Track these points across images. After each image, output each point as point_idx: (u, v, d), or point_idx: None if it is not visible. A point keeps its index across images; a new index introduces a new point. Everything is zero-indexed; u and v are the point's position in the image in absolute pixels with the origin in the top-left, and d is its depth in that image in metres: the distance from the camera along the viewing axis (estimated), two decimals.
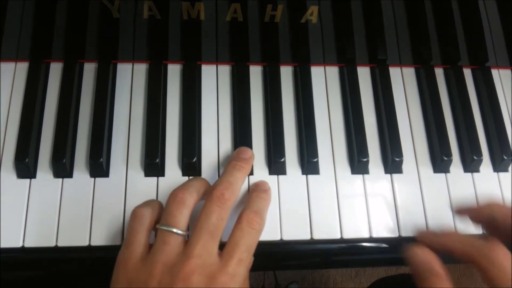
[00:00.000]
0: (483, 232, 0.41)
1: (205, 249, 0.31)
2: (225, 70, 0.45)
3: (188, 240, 0.32)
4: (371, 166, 0.42)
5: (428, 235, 0.38)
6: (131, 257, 0.32)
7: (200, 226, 0.32)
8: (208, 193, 0.34)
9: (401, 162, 0.42)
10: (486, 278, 0.32)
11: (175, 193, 0.34)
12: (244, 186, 0.40)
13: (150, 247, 0.33)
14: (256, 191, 0.38)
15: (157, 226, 0.33)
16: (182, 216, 0.33)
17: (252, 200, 0.37)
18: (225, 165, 0.39)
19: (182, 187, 0.34)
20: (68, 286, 0.48)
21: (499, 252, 0.31)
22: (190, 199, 0.34)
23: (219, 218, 0.33)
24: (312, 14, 0.41)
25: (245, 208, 0.35)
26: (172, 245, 0.32)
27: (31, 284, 0.45)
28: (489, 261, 0.31)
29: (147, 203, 0.35)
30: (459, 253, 0.34)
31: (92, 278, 0.45)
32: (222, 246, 0.33)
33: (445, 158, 0.42)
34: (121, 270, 0.32)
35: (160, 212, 0.35)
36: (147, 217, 0.33)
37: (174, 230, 0.32)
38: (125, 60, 0.44)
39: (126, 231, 0.33)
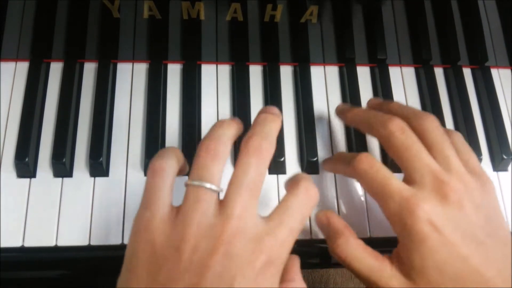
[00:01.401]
0: None
1: (246, 209, 0.27)
2: (225, 70, 0.45)
3: (223, 199, 0.27)
4: None
5: (339, 109, 0.41)
6: (154, 219, 0.26)
7: (238, 183, 0.27)
8: (243, 144, 0.29)
9: None
10: (387, 150, 0.34)
11: (207, 144, 0.28)
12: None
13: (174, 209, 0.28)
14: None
15: (188, 181, 0.27)
16: (217, 170, 0.28)
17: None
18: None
19: (213, 137, 0.29)
20: (67, 286, 0.48)
21: (395, 123, 0.33)
22: (225, 151, 0.28)
23: (258, 173, 0.28)
24: (312, 14, 0.41)
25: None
26: (207, 203, 0.26)
27: (31, 284, 0.45)
28: (387, 131, 0.33)
29: (166, 154, 0.29)
30: (361, 123, 0.36)
31: (91, 278, 0.45)
32: None
33: None
34: (142, 235, 0.26)
35: (183, 164, 0.31)
36: (170, 171, 0.28)
37: (209, 185, 0.27)
38: (125, 60, 0.44)
39: (144, 189, 0.28)
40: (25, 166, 0.38)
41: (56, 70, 0.44)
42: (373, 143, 0.44)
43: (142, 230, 0.26)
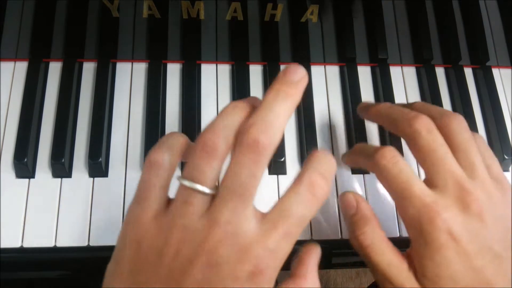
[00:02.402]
0: None
1: (235, 214, 0.24)
2: (225, 70, 0.45)
3: (213, 202, 0.24)
4: None
5: (362, 106, 0.39)
6: (143, 216, 0.25)
7: (227, 185, 0.24)
8: (239, 136, 0.25)
9: None
10: (410, 149, 0.32)
11: (205, 138, 0.25)
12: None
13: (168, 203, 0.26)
14: (322, 152, 0.27)
15: (179, 178, 0.25)
16: (211, 170, 0.25)
17: (319, 159, 0.26)
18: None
19: (212, 129, 0.25)
20: (66, 287, 0.48)
21: (423, 121, 0.31)
22: (223, 147, 0.25)
23: (251, 175, 0.24)
24: (313, 13, 0.41)
25: (307, 167, 0.26)
26: (195, 207, 0.24)
27: (30, 284, 0.45)
28: (412, 129, 0.31)
29: (166, 145, 0.27)
30: (385, 118, 0.34)
31: (90, 279, 0.45)
32: None
33: None
34: (131, 230, 0.25)
35: (183, 152, 0.27)
36: (166, 165, 0.26)
37: (200, 187, 0.24)
38: (125, 59, 0.44)
39: (138, 182, 0.26)
40: (24, 166, 0.38)
41: (55, 69, 0.43)
42: (374, 140, 0.43)
43: (131, 225, 0.25)
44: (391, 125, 0.34)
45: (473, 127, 0.44)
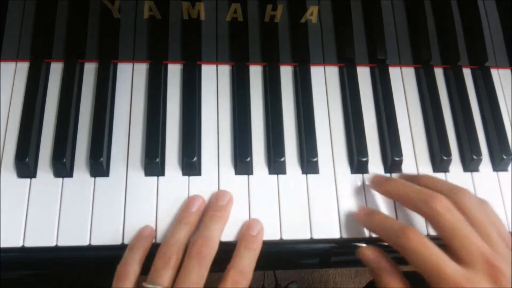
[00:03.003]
0: None
1: None
2: (225, 70, 0.45)
3: None
4: (370, 166, 0.42)
5: (374, 181, 0.40)
6: None
7: (181, 286, 0.33)
8: (189, 248, 0.35)
9: (401, 161, 0.42)
10: (433, 227, 0.34)
11: (163, 252, 0.35)
12: (245, 190, 0.40)
13: None
14: (245, 240, 0.37)
15: (144, 284, 0.34)
16: (168, 275, 0.34)
17: (240, 255, 0.36)
18: (211, 198, 0.39)
19: (168, 244, 0.35)
20: (68, 286, 0.48)
21: (440, 203, 0.33)
22: (175, 258, 0.35)
23: (199, 276, 0.34)
24: (312, 14, 0.41)
25: (231, 265, 0.35)
26: None
27: (31, 284, 0.45)
28: (433, 211, 0.33)
29: (130, 258, 0.35)
30: (400, 198, 0.37)
31: (92, 278, 0.45)
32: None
33: (445, 158, 0.42)
34: None
35: (144, 257, 0.36)
36: (131, 275, 0.34)
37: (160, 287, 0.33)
38: (126, 60, 0.44)
39: None
40: (26, 166, 0.38)
41: (56, 70, 0.44)
42: (372, 140, 0.44)
43: None
44: (408, 204, 0.36)
45: (471, 127, 0.44)
